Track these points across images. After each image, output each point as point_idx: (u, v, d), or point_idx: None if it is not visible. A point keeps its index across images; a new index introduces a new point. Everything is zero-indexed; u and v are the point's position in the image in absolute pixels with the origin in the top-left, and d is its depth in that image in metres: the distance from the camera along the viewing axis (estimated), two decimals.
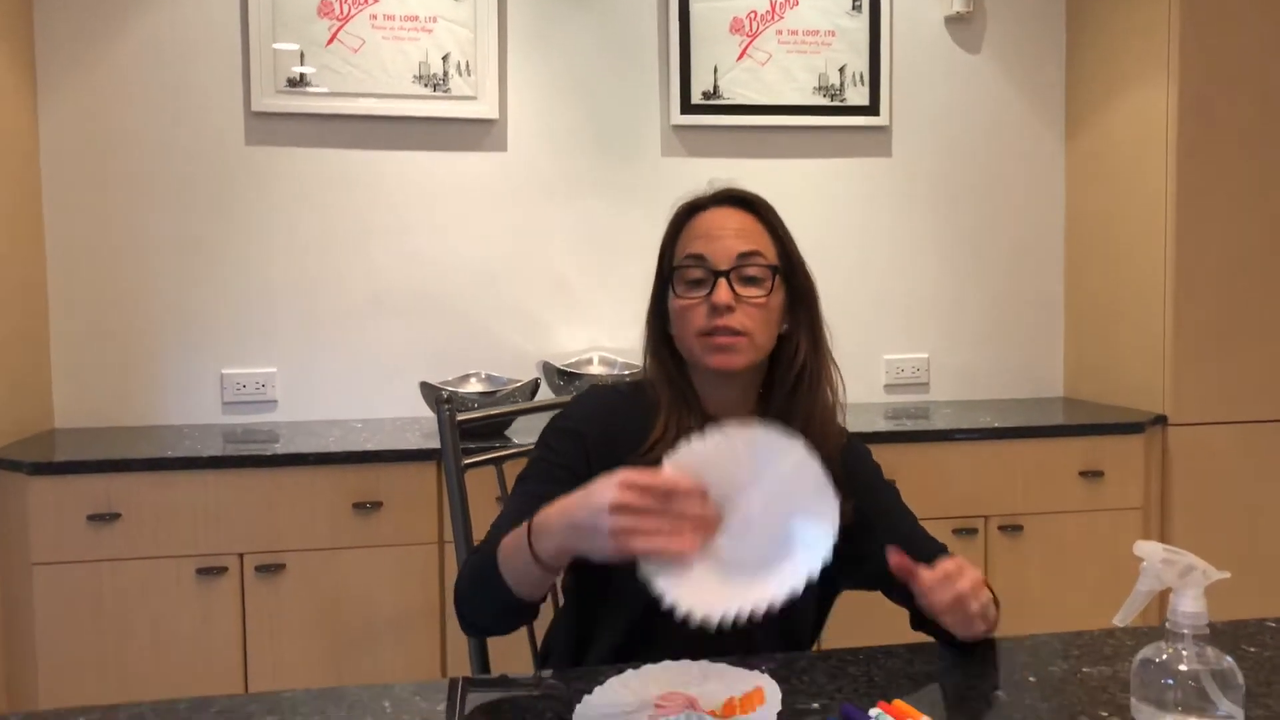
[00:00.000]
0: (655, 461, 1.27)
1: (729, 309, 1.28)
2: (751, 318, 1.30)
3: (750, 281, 1.31)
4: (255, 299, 2.83)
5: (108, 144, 2.74)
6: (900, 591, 1.29)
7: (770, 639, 1.32)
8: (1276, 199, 2.79)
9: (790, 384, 1.36)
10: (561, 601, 1.46)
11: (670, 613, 1.23)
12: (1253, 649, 1.25)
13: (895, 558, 1.16)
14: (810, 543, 1.06)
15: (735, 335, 1.29)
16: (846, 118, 3.07)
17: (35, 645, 2.25)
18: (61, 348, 2.73)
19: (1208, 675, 1.00)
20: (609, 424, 1.36)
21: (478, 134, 2.92)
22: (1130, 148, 2.91)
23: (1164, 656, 1.03)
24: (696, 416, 1.34)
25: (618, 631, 1.33)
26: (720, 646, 1.20)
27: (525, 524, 1.13)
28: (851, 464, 1.38)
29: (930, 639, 1.30)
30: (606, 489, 1.01)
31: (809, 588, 1.33)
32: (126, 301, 2.76)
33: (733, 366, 1.31)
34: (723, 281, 1.29)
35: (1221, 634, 1.30)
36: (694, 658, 1.17)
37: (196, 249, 2.79)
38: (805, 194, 3.08)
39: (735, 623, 1.02)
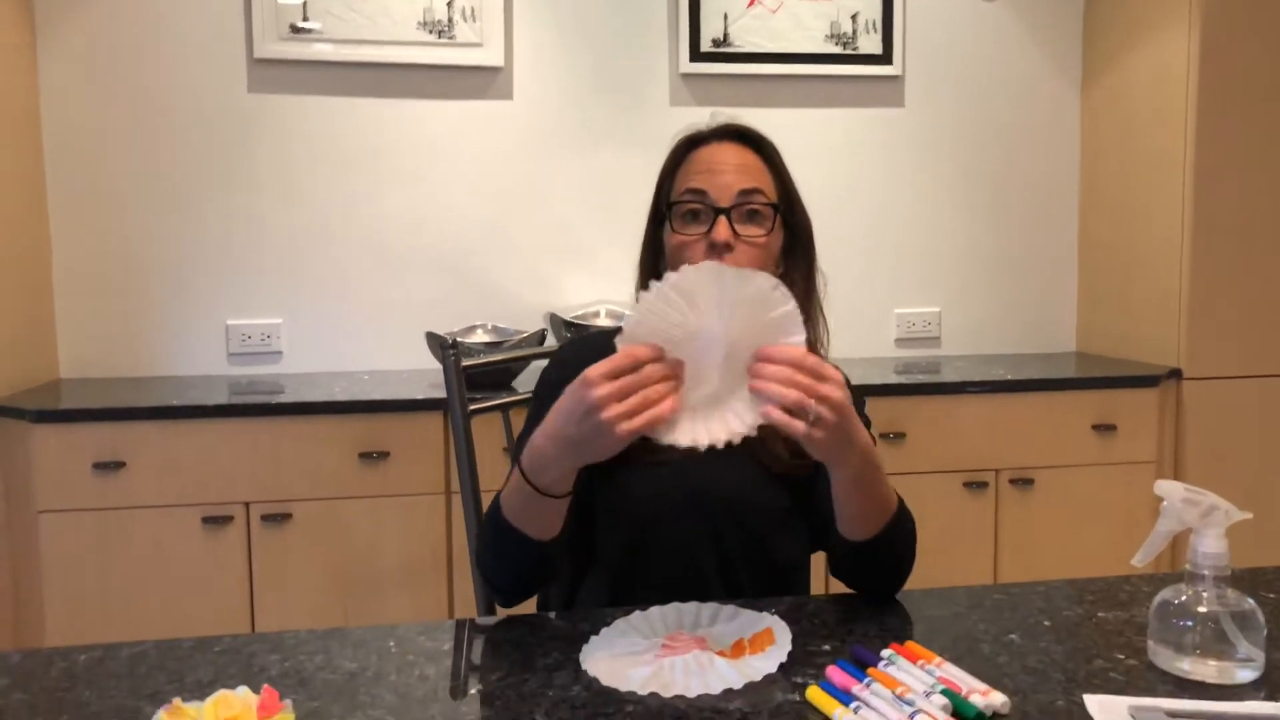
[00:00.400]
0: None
1: (728, 247, 1.24)
2: (749, 258, 1.25)
3: (750, 219, 1.27)
4: (260, 250, 2.80)
5: (108, 92, 2.70)
6: (823, 534, 1.29)
7: (759, 585, 1.31)
8: None
9: None
10: None
11: (650, 562, 1.23)
12: (1272, 595, 1.23)
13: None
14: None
15: None
16: (859, 66, 3.01)
17: (42, 593, 2.25)
18: (65, 299, 2.71)
19: (1228, 617, 0.98)
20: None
21: (483, 82, 2.87)
22: (1148, 97, 2.85)
23: (1183, 598, 1.01)
24: None
25: (601, 587, 1.32)
26: (706, 596, 1.19)
27: (515, 468, 1.12)
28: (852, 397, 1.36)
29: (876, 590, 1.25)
30: (582, 394, 1.00)
31: (790, 528, 1.32)
32: (130, 252, 2.74)
33: None
34: (722, 219, 1.24)
35: (1240, 580, 1.28)
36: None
37: (200, 198, 2.76)
38: (816, 145, 3.03)
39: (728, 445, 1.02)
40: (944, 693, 0.91)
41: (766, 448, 1.30)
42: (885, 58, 3.02)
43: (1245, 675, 0.98)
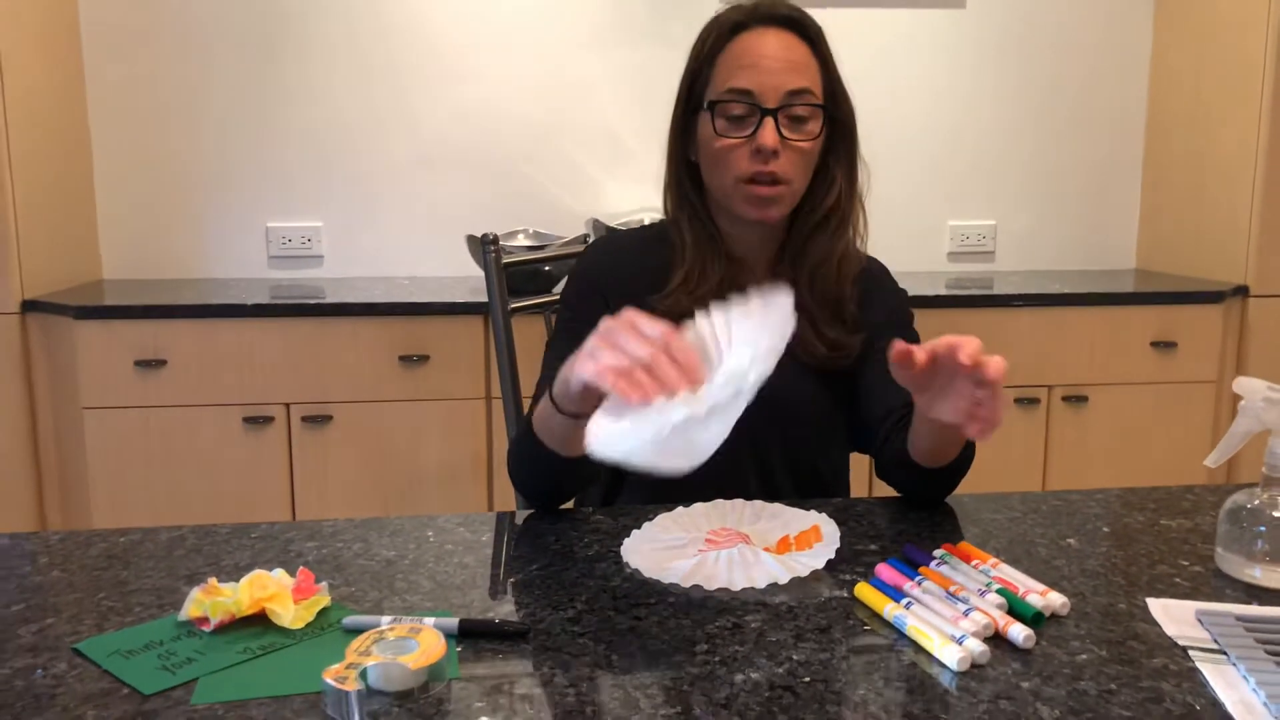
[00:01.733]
0: (677, 305, 1.20)
1: (774, 154, 1.17)
2: (794, 164, 1.19)
3: (797, 121, 1.19)
4: (299, 152, 2.76)
5: None
6: (867, 434, 1.25)
7: (800, 489, 1.28)
8: None
9: (815, 224, 1.25)
10: None
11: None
12: None
13: (897, 347, 0.96)
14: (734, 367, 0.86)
15: (776, 185, 1.19)
16: None
17: (88, 488, 2.28)
18: (106, 200, 2.70)
19: None
20: (625, 267, 1.28)
21: None
22: (1228, 3, 2.69)
23: (1256, 502, 0.95)
24: (720, 261, 1.25)
25: (638, 494, 1.28)
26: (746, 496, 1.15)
27: (546, 392, 1.06)
28: (869, 288, 1.31)
29: (898, 495, 1.21)
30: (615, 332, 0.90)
31: (832, 427, 1.27)
32: (169, 154, 2.71)
33: (768, 219, 1.22)
34: (769, 122, 1.17)
35: None
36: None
37: (239, 100, 2.72)
38: (871, 47, 2.90)
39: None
40: (1000, 591, 0.87)
41: (804, 343, 1.24)
42: None
43: None
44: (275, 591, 0.87)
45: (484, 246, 1.55)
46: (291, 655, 0.80)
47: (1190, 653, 0.80)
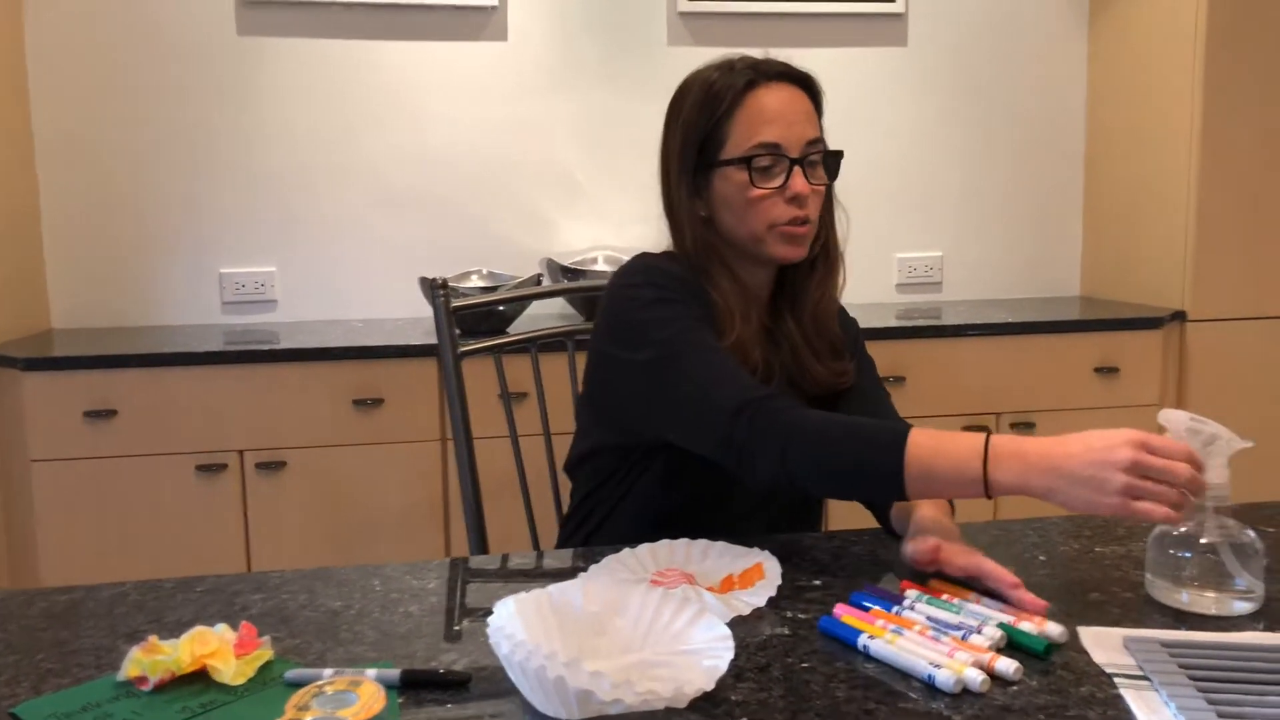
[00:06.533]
0: (738, 344, 1.23)
1: (805, 199, 1.24)
2: (817, 207, 1.27)
3: (814, 167, 1.27)
4: (253, 197, 2.76)
5: (95, 37, 2.64)
6: None
7: (784, 522, 1.30)
8: None
9: (808, 266, 1.32)
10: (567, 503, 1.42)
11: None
12: (1271, 529, 1.21)
13: (927, 554, 1.04)
14: None
15: (805, 225, 1.25)
16: (862, 4, 2.94)
17: (36, 541, 2.24)
18: (55, 248, 2.68)
19: (1227, 548, 0.96)
20: (697, 294, 1.27)
21: (477, 22, 2.81)
22: (1157, 36, 2.78)
23: (1183, 529, 0.98)
24: (757, 307, 1.30)
25: (645, 519, 1.28)
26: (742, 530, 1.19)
27: (973, 439, 1.01)
28: (847, 327, 1.39)
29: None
30: (1121, 448, 0.93)
31: None
32: (120, 200, 2.70)
33: (799, 258, 1.28)
34: (799, 170, 1.24)
35: (1239, 513, 1.25)
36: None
37: (190, 145, 2.72)
38: None
39: None
40: (1001, 625, 0.90)
41: (809, 375, 1.30)
42: None
43: (1243, 607, 0.96)
44: (216, 647, 0.87)
45: (432, 291, 1.56)
46: (232, 712, 0.80)
47: (1116, 680, 0.82)
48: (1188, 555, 0.97)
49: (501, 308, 2.39)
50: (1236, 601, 0.96)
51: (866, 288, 3.04)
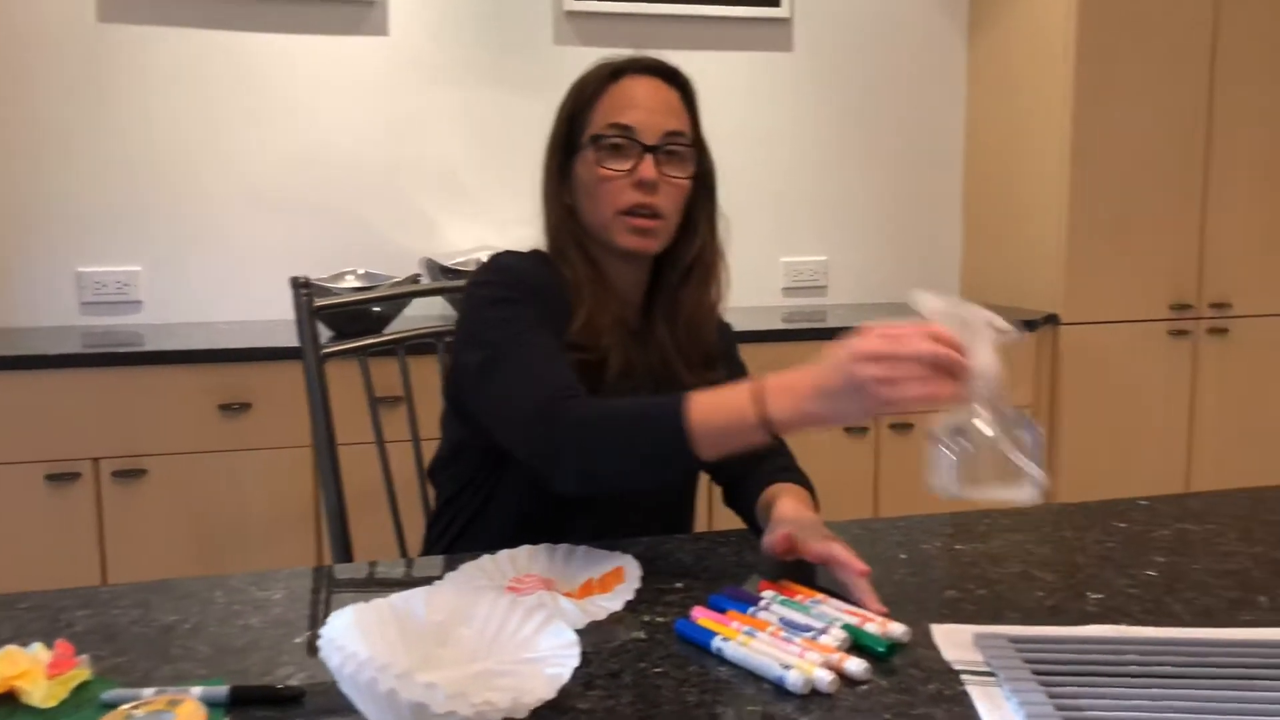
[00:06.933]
0: (588, 334, 1.20)
1: (654, 187, 1.21)
2: (670, 200, 1.24)
3: (672, 160, 1.24)
4: (115, 192, 2.62)
5: None
6: (722, 472, 1.31)
7: (654, 524, 1.28)
8: (1174, 102, 2.79)
9: (682, 273, 1.29)
10: (436, 500, 1.37)
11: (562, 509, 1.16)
12: (1123, 524, 1.24)
13: (780, 544, 1.06)
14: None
15: (654, 218, 1.22)
16: (747, 8, 2.96)
17: None
18: None
19: (1002, 435, 0.90)
20: (548, 286, 1.24)
21: (356, 16, 2.73)
22: (1031, 48, 2.87)
23: (956, 419, 0.91)
24: (616, 301, 1.26)
25: (508, 524, 1.25)
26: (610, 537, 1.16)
27: (744, 386, 0.99)
28: (721, 333, 1.37)
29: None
30: (856, 344, 0.91)
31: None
32: None
33: (648, 250, 1.25)
34: (649, 157, 1.21)
35: (1093, 511, 1.29)
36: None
37: (47, 136, 2.57)
38: (702, 88, 2.95)
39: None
40: (845, 627, 0.88)
41: (676, 380, 1.27)
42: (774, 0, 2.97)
43: (1024, 495, 0.90)
44: (27, 668, 0.81)
45: (295, 290, 1.50)
46: None
47: (963, 677, 0.82)
48: (964, 445, 0.91)
49: (377, 309, 2.32)
50: (1015, 491, 0.90)
51: (753, 291, 3.06)
